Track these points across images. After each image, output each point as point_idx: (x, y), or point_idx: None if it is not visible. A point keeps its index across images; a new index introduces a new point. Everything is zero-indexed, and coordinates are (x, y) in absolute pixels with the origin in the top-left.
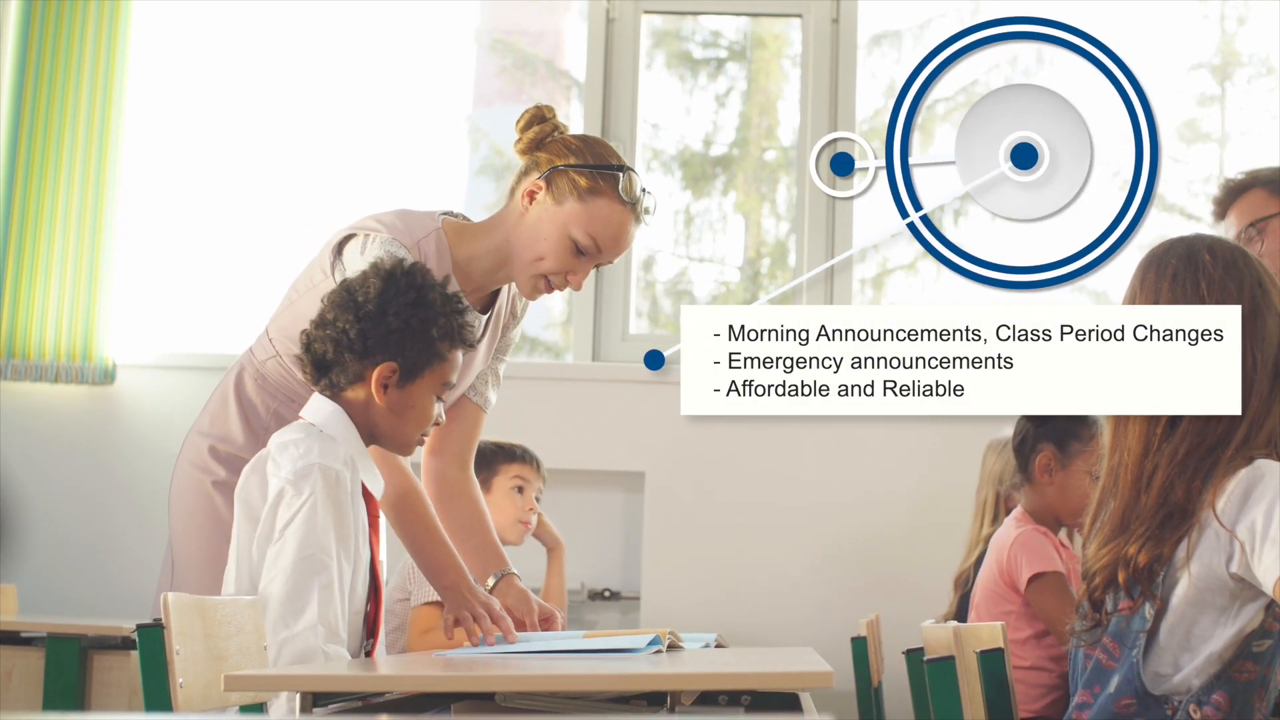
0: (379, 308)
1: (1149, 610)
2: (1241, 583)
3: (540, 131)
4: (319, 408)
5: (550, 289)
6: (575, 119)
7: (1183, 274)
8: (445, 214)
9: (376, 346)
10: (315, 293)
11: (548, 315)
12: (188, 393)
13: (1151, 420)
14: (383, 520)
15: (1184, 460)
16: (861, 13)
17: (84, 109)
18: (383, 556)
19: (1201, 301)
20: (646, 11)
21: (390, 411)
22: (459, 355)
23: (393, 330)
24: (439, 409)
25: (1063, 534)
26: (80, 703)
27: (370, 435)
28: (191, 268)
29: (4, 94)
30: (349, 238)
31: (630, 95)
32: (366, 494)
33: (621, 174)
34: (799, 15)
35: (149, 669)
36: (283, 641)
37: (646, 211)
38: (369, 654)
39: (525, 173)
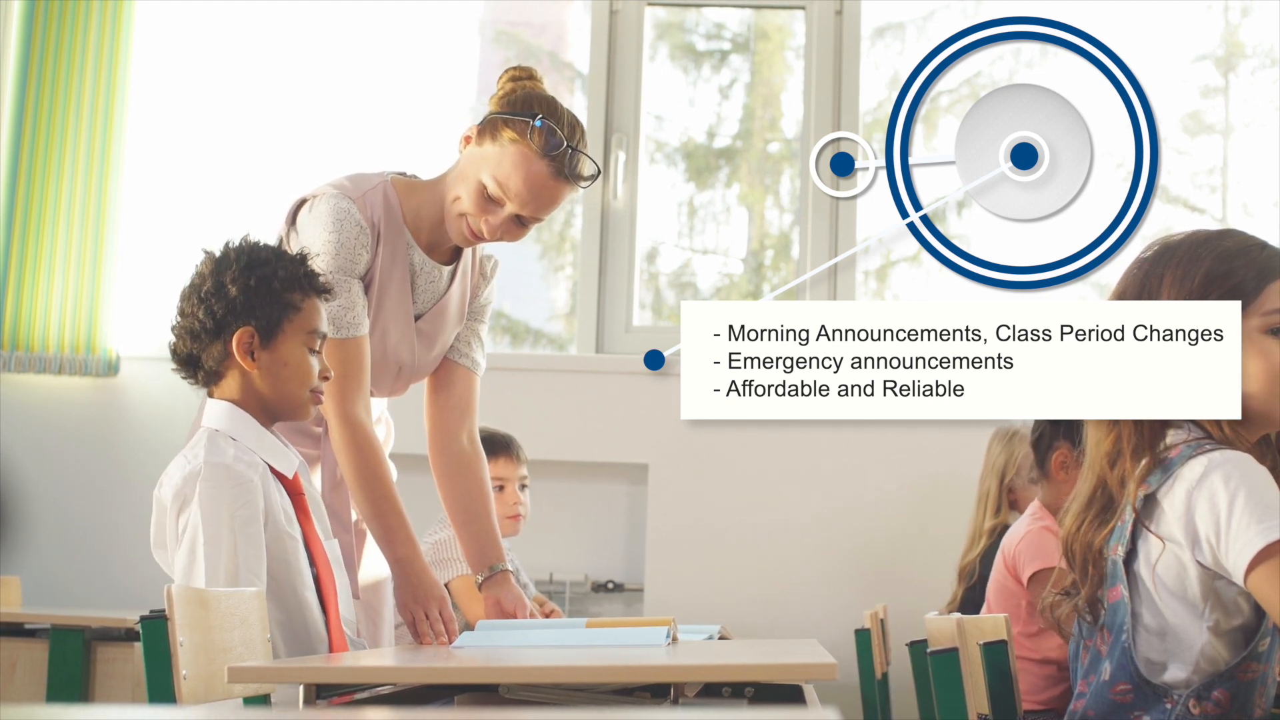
0: (216, 284)
1: (1127, 595)
2: (1209, 571)
3: (507, 88)
4: (209, 411)
5: (475, 235)
6: (579, 111)
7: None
8: (398, 174)
9: (228, 318)
10: None
11: (551, 307)
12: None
13: None
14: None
15: (1127, 443)
16: (865, 5)
17: (88, 101)
18: (321, 532)
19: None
20: (650, 3)
21: (266, 376)
22: (318, 303)
23: (235, 297)
24: (316, 362)
25: None
26: (84, 694)
27: (265, 412)
28: (195, 260)
29: (8, 87)
30: (300, 204)
31: (634, 87)
32: (280, 475)
33: (532, 120)
34: (802, 7)
35: (153, 661)
36: None
37: (580, 177)
38: (328, 627)
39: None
